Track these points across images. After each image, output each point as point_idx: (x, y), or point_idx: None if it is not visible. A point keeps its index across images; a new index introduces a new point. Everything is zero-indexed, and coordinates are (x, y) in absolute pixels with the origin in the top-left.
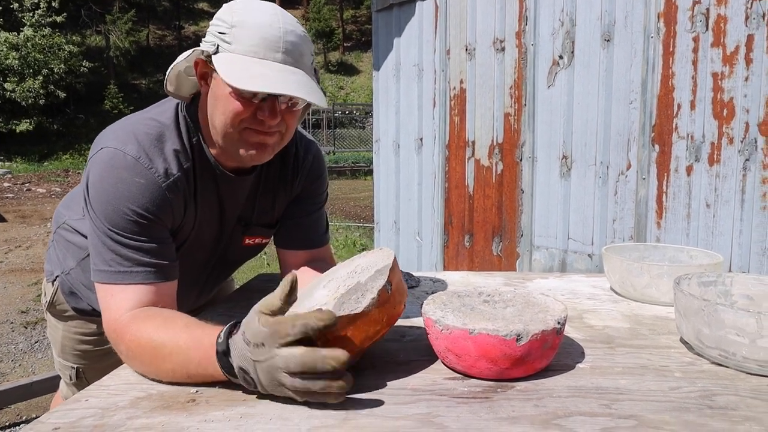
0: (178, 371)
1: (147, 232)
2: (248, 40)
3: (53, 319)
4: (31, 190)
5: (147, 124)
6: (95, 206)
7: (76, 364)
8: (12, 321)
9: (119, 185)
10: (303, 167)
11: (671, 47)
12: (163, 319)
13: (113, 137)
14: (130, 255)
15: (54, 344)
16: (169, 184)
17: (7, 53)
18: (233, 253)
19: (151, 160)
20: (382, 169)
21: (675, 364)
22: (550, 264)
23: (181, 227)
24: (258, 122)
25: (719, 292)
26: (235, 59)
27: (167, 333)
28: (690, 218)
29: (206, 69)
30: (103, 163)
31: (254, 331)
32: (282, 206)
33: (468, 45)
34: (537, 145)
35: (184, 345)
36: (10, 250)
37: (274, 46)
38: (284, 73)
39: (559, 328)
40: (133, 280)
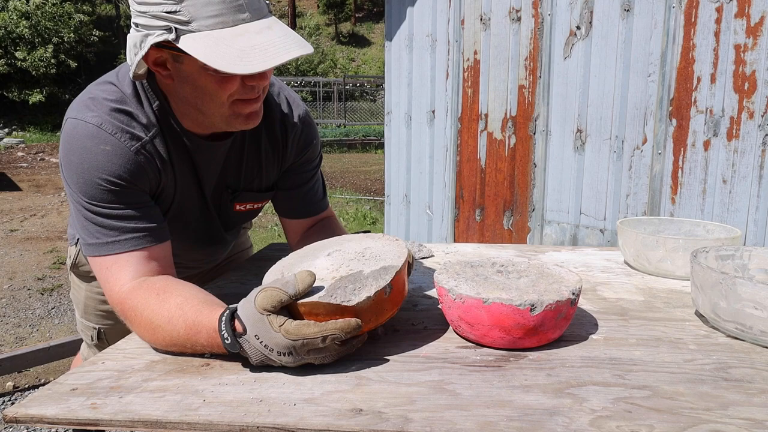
0: (185, 350)
1: (124, 198)
2: (207, 11)
3: (77, 280)
4: (44, 159)
5: (105, 89)
6: (69, 181)
7: (98, 325)
8: (29, 288)
9: (85, 155)
10: (293, 135)
11: (693, 18)
12: (156, 294)
13: (75, 108)
14: (113, 224)
15: (77, 305)
16: (137, 148)
17: (17, 21)
18: (226, 218)
19: (114, 126)
20: (393, 141)
21: (690, 337)
22: (561, 239)
23: (161, 192)
24: (247, 90)
25: (736, 265)
26: (204, 39)
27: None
28: (705, 194)
29: (160, 54)
30: (68, 135)
31: (276, 341)
32: (272, 171)
33: (483, 15)
34: (551, 119)
35: (181, 330)
36: (25, 218)
37: (237, 6)
38: (265, 33)
39: (573, 298)
40: (123, 249)
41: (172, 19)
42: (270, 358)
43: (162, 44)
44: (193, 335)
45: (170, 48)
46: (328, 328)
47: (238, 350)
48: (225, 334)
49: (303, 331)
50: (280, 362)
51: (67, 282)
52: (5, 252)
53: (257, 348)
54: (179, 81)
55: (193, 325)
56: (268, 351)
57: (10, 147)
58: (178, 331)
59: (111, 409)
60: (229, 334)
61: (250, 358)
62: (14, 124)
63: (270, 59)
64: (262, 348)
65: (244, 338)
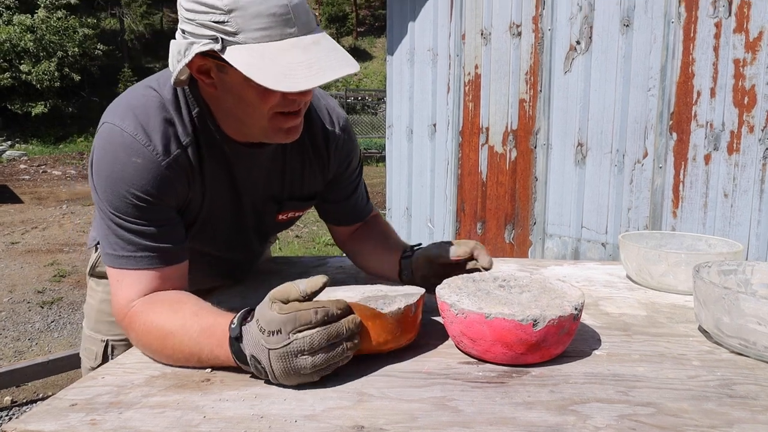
0: (191, 358)
1: (149, 215)
2: (255, 23)
3: (93, 283)
4: (46, 172)
5: (146, 95)
6: (97, 187)
7: (108, 336)
8: (29, 301)
9: (116, 166)
10: (335, 146)
11: (692, 33)
12: (170, 304)
13: (112, 111)
14: (132, 239)
15: (88, 315)
16: (168, 162)
17: (21, 35)
18: (267, 228)
19: (149, 137)
20: (394, 155)
21: (693, 353)
22: (562, 252)
23: (188, 204)
24: (289, 103)
25: (739, 280)
26: (251, 52)
27: (177, 320)
28: (707, 208)
29: (204, 62)
30: (102, 140)
31: (269, 319)
32: (315, 181)
33: (483, 29)
34: (552, 132)
35: (195, 333)
36: (26, 231)
37: (286, 20)
38: (311, 49)
39: (576, 314)
40: (137, 266)
41: (220, 30)
42: (260, 344)
43: (207, 53)
44: (206, 338)
45: (215, 58)
46: (321, 303)
47: (236, 335)
48: (235, 322)
49: (296, 306)
50: (267, 347)
51: (67, 295)
52: (6, 265)
53: (254, 334)
54: (222, 90)
55: (209, 327)
56: (261, 333)
57: (13, 159)
58: (191, 335)
59: (110, 426)
60: (237, 322)
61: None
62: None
63: (314, 78)
64: (257, 330)
65: (248, 325)
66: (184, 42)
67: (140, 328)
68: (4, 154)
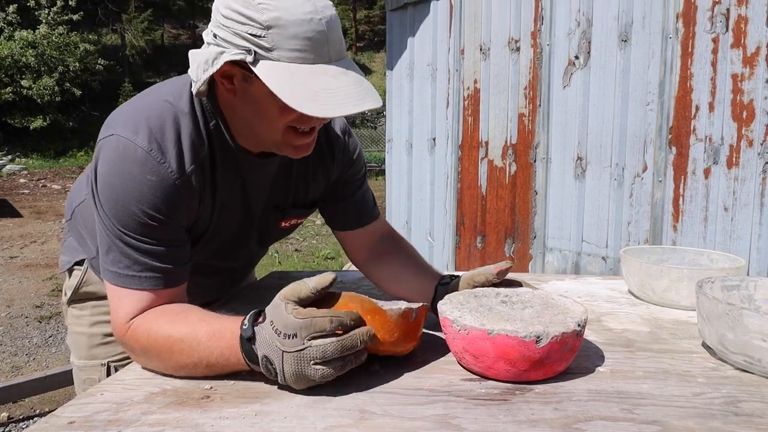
0: (199, 364)
1: (158, 233)
2: (291, 44)
3: (75, 311)
4: (46, 186)
5: (161, 107)
6: (104, 202)
7: (108, 358)
8: (27, 315)
9: (129, 183)
10: (339, 150)
11: (690, 48)
12: (176, 314)
13: (124, 122)
14: (139, 259)
15: (77, 345)
16: (183, 180)
17: (23, 51)
18: (269, 235)
19: (163, 153)
20: (394, 168)
21: (698, 369)
22: (563, 266)
23: (198, 219)
24: (305, 121)
25: (742, 296)
26: (282, 70)
27: (184, 327)
28: (707, 222)
29: (231, 69)
30: (113, 153)
31: (285, 322)
32: (319, 186)
33: (482, 45)
34: (551, 147)
35: (203, 337)
36: (25, 245)
37: (321, 46)
38: (340, 78)
39: (579, 330)
40: (141, 286)
41: (254, 42)
42: (275, 346)
43: (236, 62)
44: (215, 342)
45: (244, 68)
46: (337, 313)
47: (249, 336)
48: (246, 323)
49: (312, 313)
50: (282, 349)
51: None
52: (4, 279)
53: (268, 335)
54: (241, 99)
55: (218, 331)
56: (276, 335)
57: (13, 174)
58: (199, 340)
59: None
60: (249, 323)
61: (258, 352)
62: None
63: (340, 107)
64: (272, 333)
65: (261, 326)
66: (215, 50)
67: (145, 339)
68: (4, 168)
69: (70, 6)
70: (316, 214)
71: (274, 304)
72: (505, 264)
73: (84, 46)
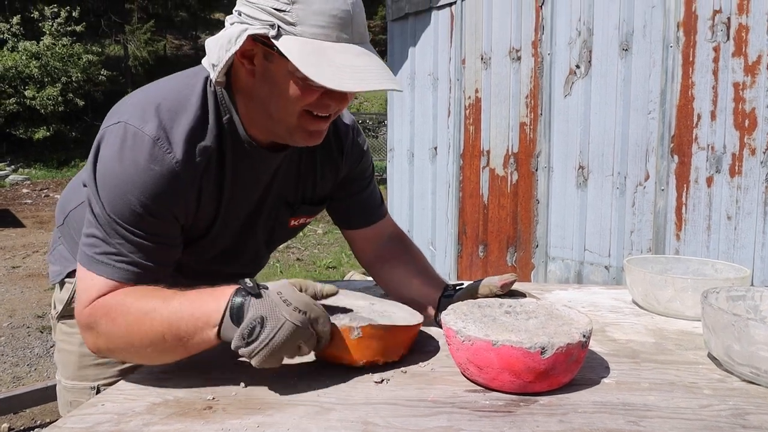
0: (168, 334)
1: (150, 227)
2: (315, 19)
3: (66, 327)
4: (49, 196)
5: (173, 97)
6: (101, 186)
7: (97, 381)
8: (28, 325)
9: (131, 170)
10: (347, 146)
11: (691, 57)
12: (145, 288)
13: (133, 110)
14: (121, 250)
15: (65, 363)
16: (187, 172)
17: (27, 62)
18: (276, 236)
19: (170, 143)
20: (396, 177)
21: (704, 381)
22: (565, 275)
23: (201, 212)
24: (323, 106)
25: (748, 307)
26: (305, 46)
27: (155, 298)
28: (711, 230)
29: (252, 47)
30: (118, 139)
31: (303, 300)
32: (327, 183)
33: (483, 54)
34: (553, 155)
35: (176, 305)
36: (27, 255)
37: (345, 24)
38: (363, 58)
39: (584, 341)
40: (114, 277)
41: (278, 17)
42: (278, 313)
43: (258, 38)
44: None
45: (265, 44)
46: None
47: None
48: (248, 281)
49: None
50: (286, 318)
51: None
52: (6, 289)
53: (274, 300)
54: (260, 79)
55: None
56: (285, 305)
57: (16, 184)
58: (181, 307)
59: None
60: (252, 281)
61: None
62: (20, 162)
63: (363, 83)
64: (279, 301)
65: (267, 293)
66: (238, 28)
67: (113, 311)
68: (7, 178)
69: (74, 17)
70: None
71: (282, 284)
72: (510, 276)
73: (87, 57)
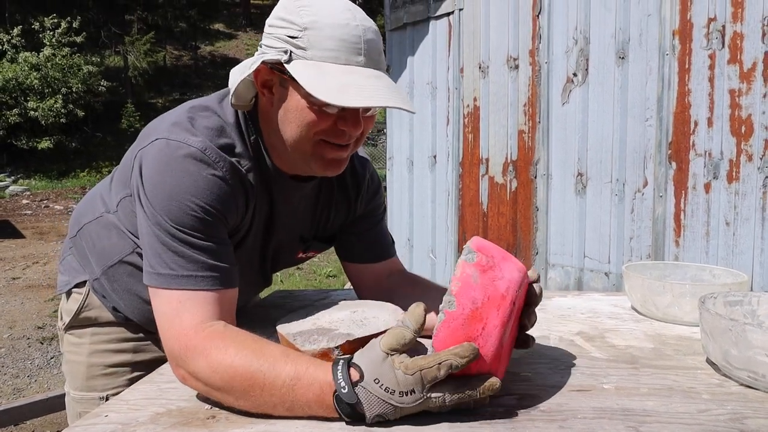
0: (278, 406)
1: (212, 230)
2: (326, 44)
3: (73, 338)
4: (48, 206)
5: (206, 116)
6: (154, 201)
7: (106, 391)
8: (28, 337)
9: (185, 178)
10: (363, 186)
11: (687, 64)
12: (252, 343)
13: (170, 128)
14: (195, 257)
15: (74, 374)
16: (234, 182)
17: (28, 73)
18: (283, 263)
19: (217, 153)
20: (395, 186)
21: (702, 386)
22: (566, 282)
23: (237, 230)
24: (338, 133)
25: (745, 312)
26: (314, 68)
27: (265, 364)
28: (709, 236)
29: (270, 76)
30: (162, 154)
31: (398, 380)
32: (339, 221)
33: (481, 63)
34: (552, 163)
35: (287, 379)
36: (27, 266)
37: (355, 48)
38: (371, 79)
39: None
40: (199, 286)
41: (291, 43)
42: (390, 404)
43: (273, 66)
44: (301, 390)
45: (281, 72)
46: (443, 355)
47: (354, 402)
48: (342, 382)
49: (419, 363)
50: (400, 406)
51: None
52: (6, 300)
53: (377, 394)
54: (277, 106)
55: (303, 377)
56: (389, 395)
57: (15, 195)
58: (282, 381)
59: None
60: (346, 383)
61: (366, 413)
62: (20, 173)
63: (367, 99)
64: (382, 392)
65: (362, 385)
66: (256, 56)
67: (217, 363)
68: (7, 189)
69: (74, 28)
70: None
71: (374, 358)
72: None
73: (87, 67)
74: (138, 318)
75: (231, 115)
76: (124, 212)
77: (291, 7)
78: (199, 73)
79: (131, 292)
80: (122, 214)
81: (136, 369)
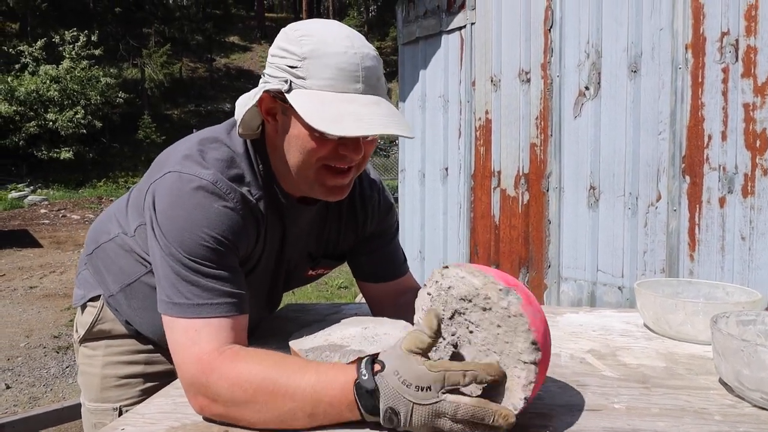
0: (300, 412)
1: (224, 260)
2: (324, 73)
3: (87, 350)
4: (66, 216)
5: (216, 147)
6: (168, 233)
7: (119, 402)
8: (45, 345)
9: (197, 211)
10: (372, 207)
11: (700, 78)
12: (271, 355)
13: (181, 162)
14: (209, 285)
15: (88, 386)
16: (245, 212)
17: (48, 85)
18: (294, 282)
19: (228, 185)
20: (407, 198)
21: (715, 407)
22: (578, 296)
23: (248, 258)
24: (339, 158)
25: (759, 331)
26: (312, 97)
27: (286, 371)
28: (725, 251)
29: (273, 105)
30: (174, 187)
31: (417, 374)
32: (349, 239)
33: (493, 76)
34: (564, 176)
35: (307, 385)
36: (44, 275)
37: (353, 77)
38: (370, 106)
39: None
40: (215, 313)
41: (291, 73)
42: (403, 398)
43: (275, 95)
44: (323, 390)
45: (282, 100)
46: (470, 365)
47: (372, 388)
48: (363, 371)
49: (446, 365)
50: (414, 401)
51: None
52: (23, 309)
53: (394, 386)
54: (281, 134)
55: (324, 378)
56: (405, 387)
57: (34, 204)
58: (303, 387)
59: None
60: (367, 371)
61: (380, 404)
62: (39, 182)
63: (364, 128)
64: (399, 384)
65: (382, 375)
66: (259, 86)
67: (238, 378)
68: (26, 199)
69: (93, 41)
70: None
71: (398, 354)
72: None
73: (105, 80)
74: (152, 333)
75: (240, 145)
76: (141, 238)
77: (292, 36)
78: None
79: (148, 309)
80: (140, 240)
81: (148, 380)
